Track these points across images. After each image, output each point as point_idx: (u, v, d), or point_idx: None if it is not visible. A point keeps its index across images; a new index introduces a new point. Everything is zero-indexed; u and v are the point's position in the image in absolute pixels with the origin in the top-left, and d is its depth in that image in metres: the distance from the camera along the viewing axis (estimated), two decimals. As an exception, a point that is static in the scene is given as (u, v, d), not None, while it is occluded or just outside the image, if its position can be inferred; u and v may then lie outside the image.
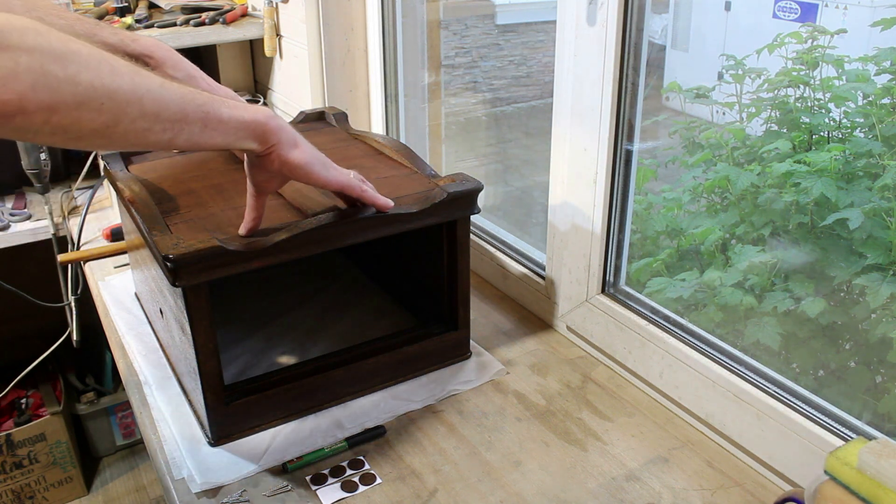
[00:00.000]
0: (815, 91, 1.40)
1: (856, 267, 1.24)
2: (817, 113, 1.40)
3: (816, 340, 1.33)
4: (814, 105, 1.41)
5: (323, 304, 1.30)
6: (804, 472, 0.89)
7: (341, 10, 1.67)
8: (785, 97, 1.45)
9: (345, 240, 0.98)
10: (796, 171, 1.32)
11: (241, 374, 1.10)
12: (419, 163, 1.14)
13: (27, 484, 2.19)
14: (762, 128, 1.50)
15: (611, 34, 1.04)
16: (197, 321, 0.92)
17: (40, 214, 1.84)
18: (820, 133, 1.40)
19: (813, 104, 1.42)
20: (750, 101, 1.50)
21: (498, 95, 3.73)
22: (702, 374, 1.02)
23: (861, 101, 1.33)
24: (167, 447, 1.00)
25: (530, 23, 3.73)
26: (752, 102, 1.50)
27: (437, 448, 1.00)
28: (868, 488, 0.67)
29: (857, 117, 1.35)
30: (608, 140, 1.10)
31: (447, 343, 1.14)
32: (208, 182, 1.10)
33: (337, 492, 0.92)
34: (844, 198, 1.24)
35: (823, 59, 1.36)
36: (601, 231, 1.15)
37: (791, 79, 1.41)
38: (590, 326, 1.19)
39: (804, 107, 1.42)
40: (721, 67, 1.65)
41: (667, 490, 0.92)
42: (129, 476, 2.38)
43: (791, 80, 1.41)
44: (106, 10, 1.90)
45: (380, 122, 1.77)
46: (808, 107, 1.42)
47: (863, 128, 1.34)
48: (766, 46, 1.41)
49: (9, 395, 2.24)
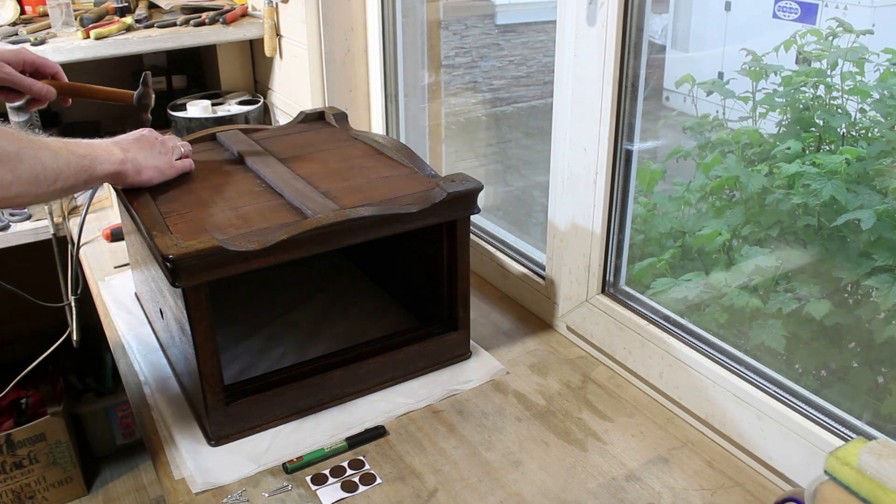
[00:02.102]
0: (833, 90, 1.38)
1: (864, 269, 1.23)
2: (834, 113, 1.38)
3: (819, 342, 1.33)
4: (829, 104, 1.40)
5: (323, 304, 1.30)
6: (804, 472, 0.89)
7: (341, 10, 1.67)
8: (802, 96, 1.44)
9: (345, 240, 0.98)
10: (806, 172, 1.31)
11: (241, 374, 1.10)
12: (419, 163, 1.14)
13: (27, 484, 2.19)
14: (775, 126, 1.49)
15: (611, 34, 1.04)
16: (197, 321, 0.92)
17: (40, 214, 1.84)
18: (835, 133, 1.39)
19: (829, 103, 1.40)
20: (765, 95, 1.48)
21: (498, 95, 3.73)
22: (702, 374, 1.02)
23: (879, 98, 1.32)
24: (167, 447, 1.00)
25: (530, 23, 3.73)
26: (766, 98, 1.48)
27: (437, 448, 1.00)
28: (868, 488, 0.67)
29: (876, 114, 1.33)
30: (608, 140, 1.10)
31: (447, 343, 1.14)
32: (208, 182, 1.10)
33: (337, 492, 0.92)
34: (854, 200, 1.23)
35: (847, 56, 1.34)
36: (601, 231, 1.15)
37: (811, 76, 1.39)
38: (590, 326, 1.19)
39: (820, 105, 1.41)
40: (721, 67, 1.64)
41: (667, 490, 0.92)
42: (129, 476, 2.38)
43: (812, 77, 1.39)
44: (106, 10, 1.90)
45: (380, 122, 1.77)
46: (824, 104, 1.40)
47: (882, 128, 1.33)
48: (782, 43, 1.40)
49: (9, 395, 2.23)
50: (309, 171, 1.12)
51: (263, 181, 1.10)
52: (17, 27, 1.78)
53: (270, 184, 1.08)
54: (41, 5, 1.91)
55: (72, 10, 1.80)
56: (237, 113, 1.87)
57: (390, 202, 1.02)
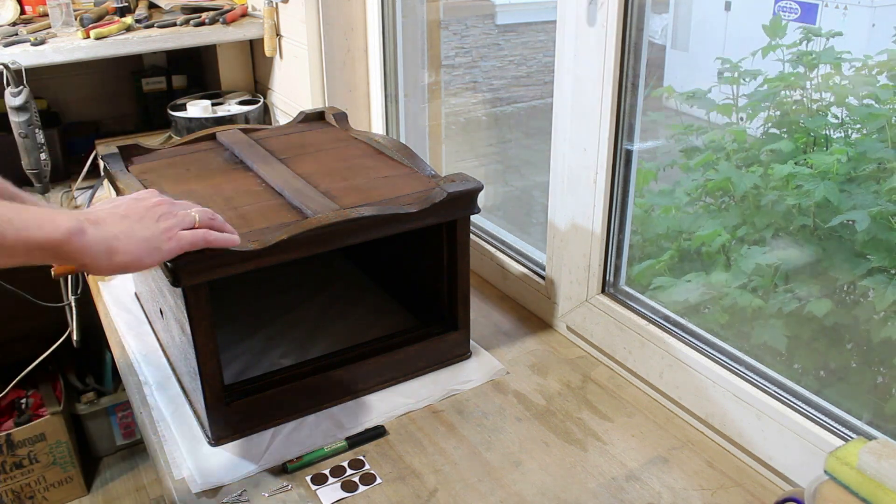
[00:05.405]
0: (815, 91, 1.39)
1: (860, 269, 1.23)
2: (816, 115, 1.40)
3: (820, 341, 1.33)
4: (812, 106, 1.41)
5: (323, 304, 1.30)
6: (804, 472, 0.89)
7: (341, 10, 1.67)
8: (784, 99, 1.45)
9: (345, 240, 0.98)
10: (799, 173, 1.32)
11: (241, 374, 1.10)
12: (419, 163, 1.14)
13: (27, 484, 2.19)
14: (760, 129, 1.50)
15: (611, 34, 1.04)
16: (197, 321, 0.92)
17: (40, 214, 1.84)
18: (820, 134, 1.40)
19: (811, 105, 1.41)
20: (747, 101, 1.50)
21: (498, 95, 3.74)
22: (702, 374, 1.02)
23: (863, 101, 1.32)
24: (167, 447, 1.00)
25: (530, 23, 3.73)
26: (750, 104, 1.49)
27: (437, 448, 1.00)
28: (868, 488, 0.67)
29: (858, 117, 1.34)
30: (608, 140, 1.10)
31: (447, 343, 1.14)
32: (208, 182, 1.10)
33: (337, 492, 0.92)
34: (847, 201, 1.24)
35: (821, 59, 1.35)
36: (601, 231, 1.15)
37: (788, 82, 1.40)
38: (590, 326, 1.19)
39: (802, 108, 1.42)
40: (721, 67, 1.64)
41: (667, 490, 0.92)
42: (129, 476, 2.38)
43: (788, 83, 1.40)
44: (106, 10, 1.90)
45: (380, 122, 1.77)
46: (807, 108, 1.41)
47: (870, 129, 1.33)
48: (759, 49, 1.41)
49: (9, 395, 2.23)
50: (309, 171, 1.12)
51: (263, 181, 1.10)
52: (17, 27, 1.78)
53: (270, 184, 1.08)
54: (41, 5, 1.91)
55: (72, 10, 1.80)
56: (237, 113, 1.87)
57: (390, 202, 1.02)
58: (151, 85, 2.18)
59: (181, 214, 0.84)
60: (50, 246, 0.72)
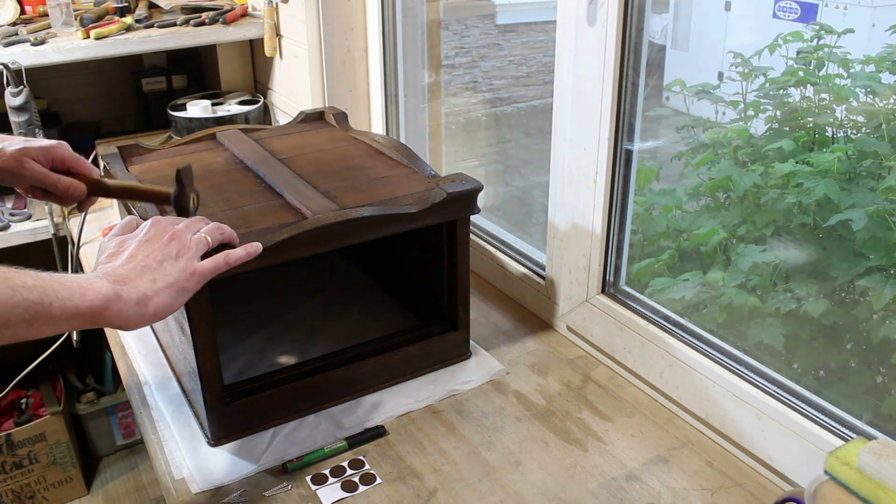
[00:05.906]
0: (820, 91, 1.39)
1: (859, 268, 1.24)
2: (821, 113, 1.40)
3: (818, 341, 1.33)
4: (817, 104, 1.41)
5: (323, 304, 1.30)
6: (804, 472, 0.89)
7: (341, 10, 1.67)
8: (788, 97, 1.45)
9: (345, 240, 0.98)
10: (799, 171, 1.32)
11: (241, 374, 1.10)
12: (419, 163, 1.14)
13: (27, 484, 2.19)
14: (765, 127, 1.50)
15: (611, 34, 1.04)
16: (197, 321, 0.92)
17: (40, 214, 1.84)
18: (824, 133, 1.40)
19: (816, 104, 1.41)
20: (755, 98, 1.49)
21: (498, 95, 3.74)
22: (702, 374, 1.02)
23: (865, 99, 1.32)
24: (167, 447, 1.00)
25: (530, 23, 3.74)
26: (756, 101, 1.49)
27: (437, 448, 1.00)
28: (868, 488, 0.67)
29: (860, 116, 1.34)
30: (608, 140, 1.10)
31: (447, 343, 1.14)
32: (208, 182, 1.10)
33: (337, 492, 0.92)
34: (847, 199, 1.24)
35: (830, 58, 1.35)
36: (601, 231, 1.15)
37: (797, 78, 1.40)
38: (590, 326, 1.19)
39: (808, 106, 1.42)
40: (721, 67, 1.64)
41: (667, 490, 0.92)
42: (129, 476, 2.38)
43: (797, 79, 1.40)
44: (106, 10, 1.90)
45: (380, 122, 1.77)
46: (812, 106, 1.41)
47: (868, 127, 1.34)
48: (766, 47, 1.41)
49: (9, 395, 2.23)
50: (309, 171, 1.12)
51: (263, 181, 1.10)
52: (17, 27, 1.78)
53: (270, 184, 1.08)
54: (41, 5, 1.91)
55: (72, 10, 1.80)
56: (237, 113, 1.87)
57: (390, 202, 1.02)
58: (151, 85, 2.18)
59: (194, 241, 0.82)
60: (90, 314, 0.71)
